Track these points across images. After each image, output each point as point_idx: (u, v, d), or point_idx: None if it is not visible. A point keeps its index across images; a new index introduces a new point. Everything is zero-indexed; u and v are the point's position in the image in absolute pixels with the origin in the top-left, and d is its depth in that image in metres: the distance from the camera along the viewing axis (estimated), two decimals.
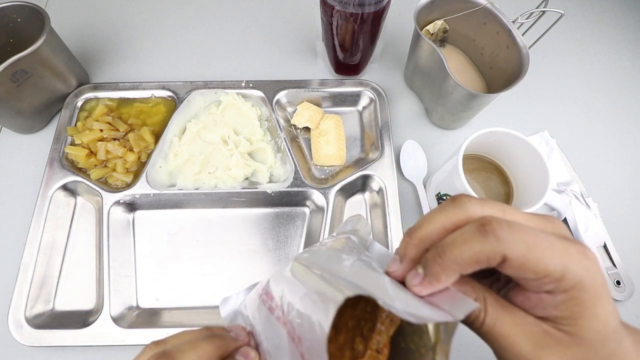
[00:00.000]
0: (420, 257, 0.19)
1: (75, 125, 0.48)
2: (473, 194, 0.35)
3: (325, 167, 0.49)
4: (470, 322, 0.18)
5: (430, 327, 0.18)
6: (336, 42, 0.48)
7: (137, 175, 0.46)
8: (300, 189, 0.45)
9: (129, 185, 0.45)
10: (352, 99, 0.52)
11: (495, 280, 0.21)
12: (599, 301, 0.16)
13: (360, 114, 0.53)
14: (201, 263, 0.44)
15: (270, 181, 0.47)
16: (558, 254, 0.16)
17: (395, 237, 0.43)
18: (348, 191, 0.47)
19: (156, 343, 0.22)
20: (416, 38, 0.47)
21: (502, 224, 0.17)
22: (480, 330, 0.18)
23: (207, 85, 0.51)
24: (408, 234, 0.19)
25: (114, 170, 0.46)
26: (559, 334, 0.17)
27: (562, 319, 0.17)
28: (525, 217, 0.18)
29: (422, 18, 0.47)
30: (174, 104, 0.50)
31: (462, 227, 0.18)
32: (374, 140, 0.49)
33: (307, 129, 0.51)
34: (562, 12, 0.39)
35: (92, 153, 0.47)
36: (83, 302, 0.42)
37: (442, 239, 0.18)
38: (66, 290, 0.43)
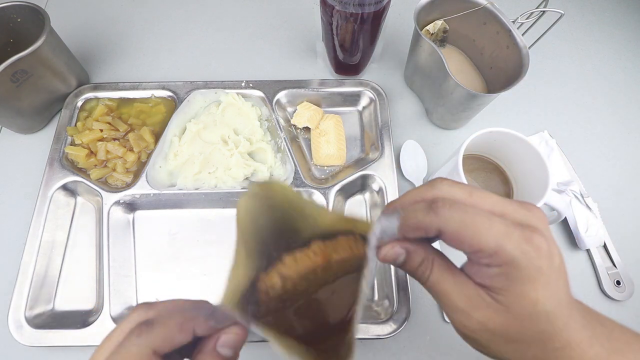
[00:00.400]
0: None
1: (75, 125, 0.48)
2: None
3: (325, 167, 0.49)
4: (418, 277, 0.22)
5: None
6: (336, 42, 0.48)
7: (137, 175, 0.46)
8: (300, 189, 0.45)
9: (129, 185, 0.45)
10: (352, 99, 0.52)
11: None
12: (531, 282, 0.19)
13: (360, 114, 0.53)
14: (201, 263, 0.44)
15: None
16: (494, 233, 0.19)
17: None
18: (348, 191, 0.47)
19: (144, 306, 0.22)
20: (416, 38, 0.47)
21: (446, 203, 0.20)
22: (426, 285, 0.22)
23: (207, 85, 0.51)
24: (387, 203, 0.23)
25: (114, 170, 0.46)
26: (490, 300, 0.20)
27: (494, 289, 0.20)
28: (493, 201, 0.20)
29: (422, 18, 0.47)
30: (174, 104, 0.50)
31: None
32: (374, 140, 0.49)
33: (307, 129, 0.51)
34: (562, 12, 0.39)
35: (92, 153, 0.47)
36: (83, 302, 0.42)
37: None
38: (66, 290, 0.43)
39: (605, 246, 0.45)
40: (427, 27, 0.49)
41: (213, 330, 0.21)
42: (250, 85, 0.51)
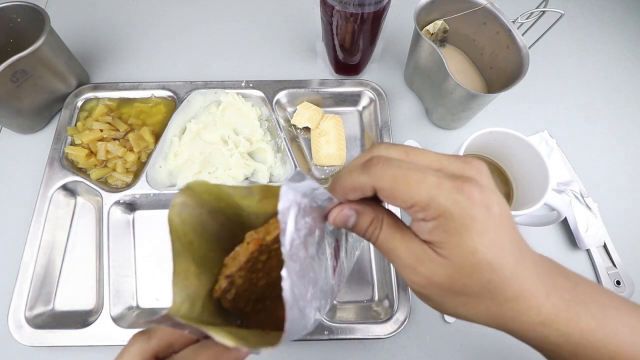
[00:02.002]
0: None
1: (75, 125, 0.48)
2: None
3: (326, 167, 0.49)
4: (368, 237, 0.22)
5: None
6: (336, 42, 0.48)
7: (137, 175, 0.46)
8: None
9: (129, 185, 0.45)
10: (352, 99, 0.52)
11: None
12: (466, 231, 0.19)
13: (360, 114, 0.53)
14: None
15: (271, 181, 0.48)
16: (426, 186, 0.19)
17: None
18: None
19: (139, 337, 0.22)
20: (416, 38, 0.47)
21: (380, 160, 0.20)
22: (376, 245, 0.22)
23: (207, 85, 0.51)
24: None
25: (114, 170, 0.46)
26: (433, 254, 0.20)
27: (435, 243, 0.20)
28: (429, 157, 0.21)
29: (422, 18, 0.47)
30: (174, 104, 0.50)
31: None
32: (374, 140, 0.49)
33: (307, 129, 0.51)
34: (562, 12, 0.39)
35: (92, 153, 0.47)
36: (83, 302, 0.42)
37: None
38: (66, 290, 0.43)
39: (605, 246, 0.45)
40: (427, 27, 0.49)
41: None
42: (250, 85, 0.51)
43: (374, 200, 0.22)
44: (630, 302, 0.21)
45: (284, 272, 0.17)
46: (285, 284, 0.17)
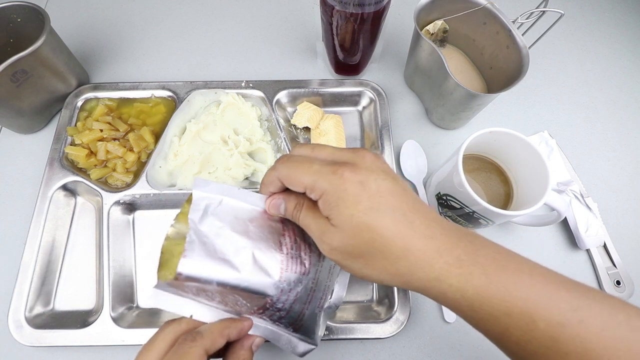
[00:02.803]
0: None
1: (75, 125, 0.48)
2: (473, 194, 0.35)
3: None
4: (294, 218, 0.28)
5: None
6: (336, 42, 0.48)
7: (137, 175, 0.46)
8: None
9: (129, 185, 0.45)
10: (352, 99, 0.52)
11: None
12: (342, 202, 0.24)
13: (360, 114, 0.53)
14: None
15: None
16: (311, 173, 0.25)
17: None
18: None
19: (171, 323, 0.27)
20: (416, 38, 0.47)
21: (283, 158, 0.27)
22: (299, 223, 0.27)
23: (207, 85, 0.51)
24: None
25: (114, 170, 0.46)
26: (329, 225, 0.25)
27: (328, 216, 0.25)
28: (328, 151, 0.27)
29: (422, 18, 0.47)
30: (174, 104, 0.50)
31: None
32: (374, 140, 0.49)
33: (307, 129, 0.51)
34: (562, 12, 0.39)
35: (92, 153, 0.47)
36: (83, 302, 0.42)
37: None
38: (66, 290, 0.43)
39: (605, 246, 0.45)
40: (427, 27, 0.49)
41: (240, 337, 0.29)
42: (250, 85, 0.51)
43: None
44: (541, 268, 0.23)
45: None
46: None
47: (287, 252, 0.29)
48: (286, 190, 0.28)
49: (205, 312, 0.29)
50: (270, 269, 0.28)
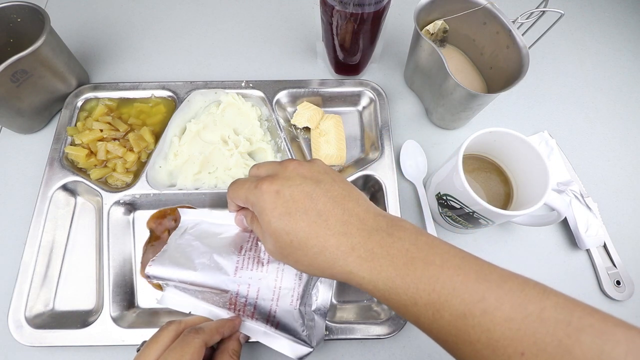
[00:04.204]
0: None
1: (75, 125, 0.48)
2: (473, 194, 0.35)
3: None
4: (252, 229, 0.33)
5: None
6: (336, 42, 0.48)
7: (137, 175, 0.46)
8: None
9: (129, 185, 0.45)
10: (352, 99, 0.52)
11: None
12: (262, 211, 0.28)
13: (360, 114, 0.53)
14: None
15: None
16: (244, 190, 0.30)
17: None
18: None
19: (173, 322, 0.31)
20: (416, 38, 0.47)
21: (232, 182, 0.32)
22: (250, 227, 0.33)
23: (207, 85, 0.51)
24: None
25: (114, 170, 0.46)
26: (264, 232, 0.29)
27: (259, 222, 0.29)
28: (264, 168, 0.31)
29: (422, 18, 0.47)
30: (174, 104, 0.50)
31: None
32: (374, 140, 0.49)
33: (307, 129, 0.51)
34: (562, 12, 0.39)
35: (92, 153, 0.47)
36: (83, 302, 0.42)
37: None
38: (66, 290, 0.43)
39: (605, 246, 0.45)
40: (427, 27, 0.49)
41: (232, 334, 0.34)
42: (250, 85, 0.51)
43: None
44: (458, 260, 0.24)
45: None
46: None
47: (244, 254, 0.35)
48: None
49: (200, 309, 0.36)
50: (225, 267, 0.34)
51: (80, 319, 0.40)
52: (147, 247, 0.44)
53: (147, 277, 0.36)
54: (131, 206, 0.46)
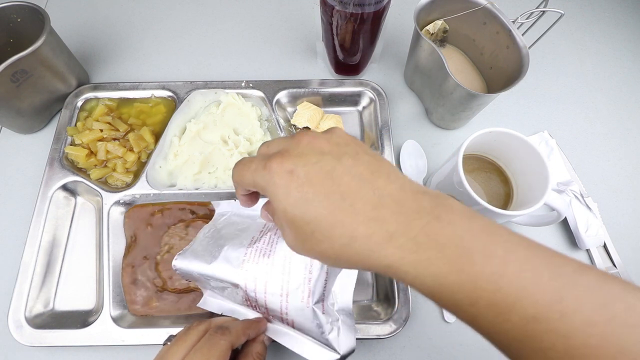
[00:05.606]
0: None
1: (75, 125, 0.48)
2: (473, 194, 0.35)
3: None
4: (269, 219, 0.28)
5: None
6: (336, 42, 0.48)
7: (137, 175, 0.46)
8: None
9: (129, 185, 0.45)
10: (352, 99, 0.52)
11: None
12: (275, 197, 0.22)
13: (360, 114, 0.53)
14: None
15: None
16: (250, 172, 0.24)
17: None
18: None
19: (202, 322, 0.31)
20: (416, 38, 0.47)
21: (236, 162, 0.26)
22: (274, 222, 0.27)
23: (207, 85, 0.51)
24: None
25: (114, 170, 0.46)
26: (279, 222, 0.24)
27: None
28: (274, 144, 0.25)
29: (422, 18, 0.47)
30: (174, 104, 0.50)
31: None
32: (374, 140, 0.49)
33: (307, 129, 0.51)
34: (562, 12, 0.39)
35: (92, 153, 0.47)
36: (83, 302, 0.42)
37: None
38: (66, 290, 0.43)
39: (605, 246, 0.45)
40: (427, 27, 0.49)
41: (257, 335, 0.33)
42: (250, 85, 0.51)
43: None
44: (521, 249, 0.20)
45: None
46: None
47: (253, 245, 0.33)
48: (256, 192, 0.28)
49: (234, 313, 0.36)
50: (234, 260, 0.33)
51: (80, 319, 0.40)
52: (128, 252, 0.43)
53: (175, 269, 0.36)
54: (131, 206, 0.46)
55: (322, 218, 0.21)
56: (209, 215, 0.44)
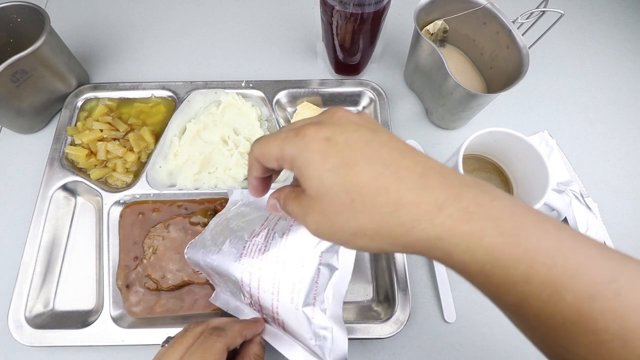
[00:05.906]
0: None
1: (75, 125, 0.48)
2: None
3: None
4: (287, 212, 0.24)
5: None
6: (336, 42, 0.48)
7: (137, 175, 0.46)
8: None
9: (129, 185, 0.45)
10: (352, 99, 0.52)
11: None
12: (309, 164, 0.20)
13: None
14: None
15: None
16: (278, 142, 0.22)
17: None
18: None
19: (199, 324, 0.31)
20: (416, 38, 0.47)
21: (256, 140, 0.24)
22: (290, 215, 0.24)
23: (207, 85, 0.51)
24: None
25: (114, 170, 0.46)
26: (309, 201, 0.22)
27: (305, 189, 0.22)
28: (302, 120, 0.24)
29: (422, 18, 0.47)
30: (174, 104, 0.50)
31: None
32: None
33: None
34: (562, 12, 0.39)
35: (92, 153, 0.47)
36: (83, 302, 0.42)
37: None
38: (66, 290, 0.43)
39: None
40: (427, 27, 0.49)
41: (253, 337, 0.33)
42: (250, 85, 0.51)
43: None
44: (569, 229, 0.19)
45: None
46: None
47: (253, 240, 0.32)
48: (269, 177, 0.26)
49: (235, 309, 0.37)
50: (234, 252, 0.32)
51: (80, 319, 0.40)
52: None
53: (186, 257, 0.38)
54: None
55: (365, 184, 0.19)
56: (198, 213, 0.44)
